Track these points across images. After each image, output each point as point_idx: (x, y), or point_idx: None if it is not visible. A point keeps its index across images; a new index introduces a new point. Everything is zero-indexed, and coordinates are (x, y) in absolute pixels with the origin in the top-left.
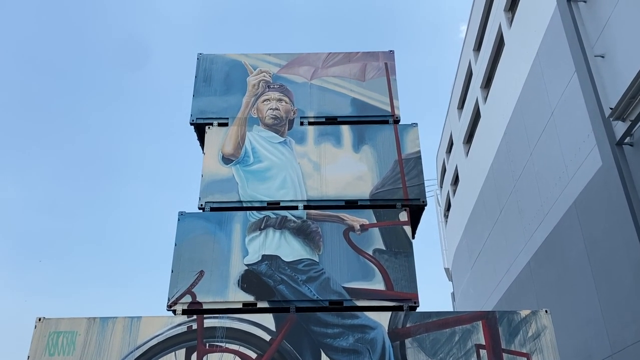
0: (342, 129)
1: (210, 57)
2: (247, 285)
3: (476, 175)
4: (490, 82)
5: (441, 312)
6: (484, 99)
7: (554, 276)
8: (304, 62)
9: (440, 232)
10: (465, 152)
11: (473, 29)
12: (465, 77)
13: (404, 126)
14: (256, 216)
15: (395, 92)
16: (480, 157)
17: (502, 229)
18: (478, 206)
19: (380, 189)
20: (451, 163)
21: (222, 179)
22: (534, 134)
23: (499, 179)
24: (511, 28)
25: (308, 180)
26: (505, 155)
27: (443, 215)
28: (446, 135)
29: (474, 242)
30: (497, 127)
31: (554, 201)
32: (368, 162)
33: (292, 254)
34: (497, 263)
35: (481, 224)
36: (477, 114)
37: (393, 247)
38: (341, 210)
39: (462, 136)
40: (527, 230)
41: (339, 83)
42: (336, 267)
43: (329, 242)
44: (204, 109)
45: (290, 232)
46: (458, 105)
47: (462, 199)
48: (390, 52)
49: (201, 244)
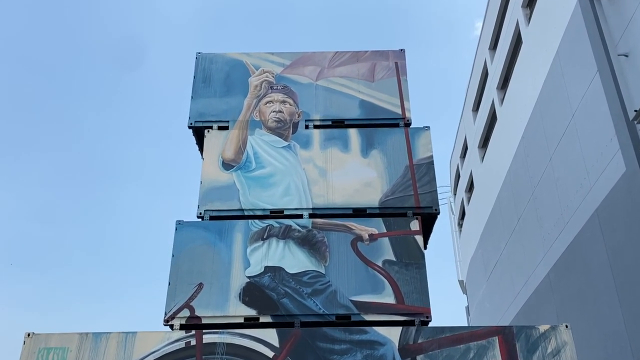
0: (349, 133)
1: (210, 56)
2: (249, 299)
3: (492, 182)
4: (507, 82)
5: (455, 327)
6: (500, 100)
7: (574, 289)
8: (309, 62)
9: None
10: (480, 157)
11: (489, 26)
12: (481, 78)
13: (416, 130)
14: (258, 225)
15: (406, 94)
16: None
17: (519, 239)
18: (494, 214)
19: (390, 197)
20: (465, 169)
21: (222, 186)
22: (553, 138)
23: (517, 186)
24: (529, 25)
25: (313, 187)
26: (523, 160)
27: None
28: (460, 139)
29: (489, 252)
30: (515, 130)
31: (575, 209)
32: (377, 167)
33: (296, 266)
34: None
35: (497, 233)
36: (493, 116)
37: (404, 258)
38: (349, 219)
39: (477, 140)
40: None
41: (347, 84)
42: (343, 279)
43: (336, 253)
44: (203, 111)
45: (295, 242)
46: (473, 108)
47: (477, 206)
48: (401, 50)
49: (200, 254)
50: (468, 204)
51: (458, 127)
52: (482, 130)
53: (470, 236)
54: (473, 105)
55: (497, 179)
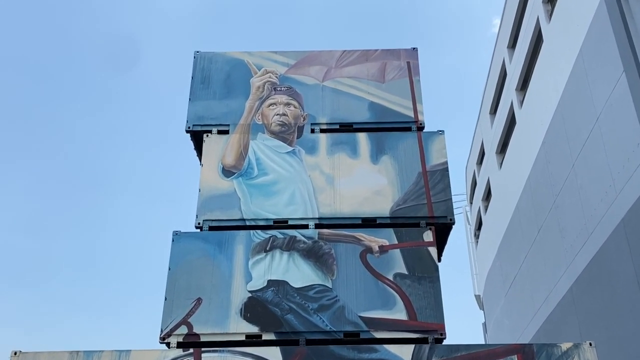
0: (358, 137)
1: (209, 55)
2: (250, 315)
3: (511, 190)
4: (526, 83)
5: (471, 345)
6: (519, 102)
7: (599, 304)
8: (315, 61)
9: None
10: (498, 163)
11: (507, 24)
12: (499, 78)
13: (429, 134)
14: (261, 236)
15: (419, 95)
16: (515, 169)
17: (540, 251)
18: (513, 225)
19: (402, 206)
20: (482, 176)
21: (222, 194)
22: (576, 143)
23: (537, 194)
24: (550, 22)
25: (320, 196)
26: (543, 166)
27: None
28: (477, 144)
29: (508, 265)
30: (535, 134)
31: (600, 219)
32: (388, 174)
33: (301, 279)
34: (534, 289)
35: (517, 245)
36: (512, 120)
37: (416, 271)
38: (357, 230)
39: (495, 145)
40: (569, 252)
41: (355, 85)
42: (352, 293)
43: (344, 266)
44: (201, 114)
45: (300, 255)
46: (490, 110)
47: (494, 216)
48: (414, 49)
49: (199, 267)
50: (485, 214)
51: (474, 131)
52: (500, 135)
53: (488, 248)
54: (490, 108)
55: (516, 186)
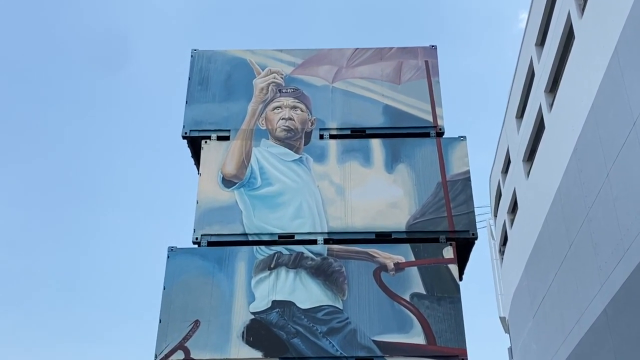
0: (371, 144)
1: (208, 54)
2: (253, 339)
3: (539, 201)
4: (556, 84)
5: None
6: (548, 105)
7: (636, 327)
8: (324, 60)
9: (494, 272)
10: (525, 172)
11: (535, 19)
12: (526, 79)
13: (450, 140)
14: (265, 252)
15: (439, 98)
16: (544, 179)
17: (571, 268)
18: (542, 240)
19: (420, 219)
20: (508, 186)
21: (222, 206)
22: (611, 150)
23: (568, 206)
24: (583, 17)
25: (329, 208)
26: (575, 176)
27: (498, 251)
28: (501, 151)
29: (536, 284)
30: (566, 140)
31: (637, 233)
32: (404, 185)
33: (309, 300)
34: (565, 310)
35: (545, 262)
36: (541, 124)
37: (436, 291)
38: (371, 245)
39: (522, 152)
40: (603, 270)
41: (368, 86)
42: (364, 315)
43: (356, 285)
44: (199, 118)
45: (308, 273)
46: (516, 114)
47: (521, 230)
48: (432, 47)
49: (196, 287)
50: (511, 228)
51: (499, 137)
52: (528, 141)
53: (514, 265)
54: (517, 112)
55: (545, 198)
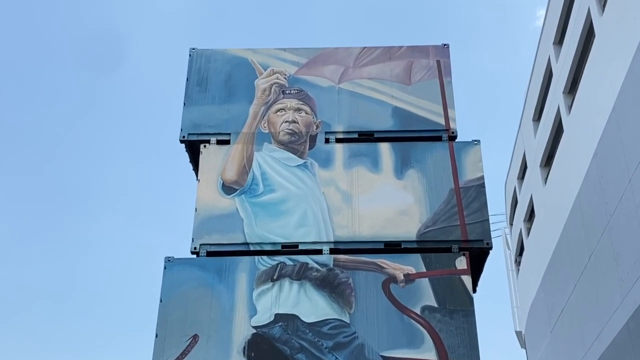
0: (380, 148)
1: (207, 53)
2: (255, 354)
3: (557, 209)
4: (576, 85)
5: None
6: (567, 107)
7: None
8: (330, 60)
9: (510, 283)
10: (542, 178)
11: (553, 16)
12: (543, 80)
13: (463, 144)
14: (267, 263)
15: (451, 99)
16: (562, 185)
17: (592, 280)
18: (560, 250)
19: (431, 228)
20: (524, 193)
21: (222, 214)
22: (634, 154)
23: (588, 214)
24: (604, 14)
25: (336, 216)
26: (596, 182)
27: (514, 262)
28: (517, 156)
29: (554, 297)
30: (586, 144)
31: None
32: (415, 191)
33: (314, 313)
34: (585, 324)
35: (564, 273)
36: (559, 127)
37: (448, 303)
38: (379, 256)
39: (539, 157)
40: (626, 281)
41: (377, 87)
42: (372, 329)
43: (364, 297)
44: (198, 121)
45: (313, 284)
46: (533, 117)
47: (538, 240)
48: (444, 46)
49: (195, 299)
50: (527, 237)
51: (515, 141)
52: (545, 145)
53: (531, 277)
54: (534, 114)
55: (563, 205)
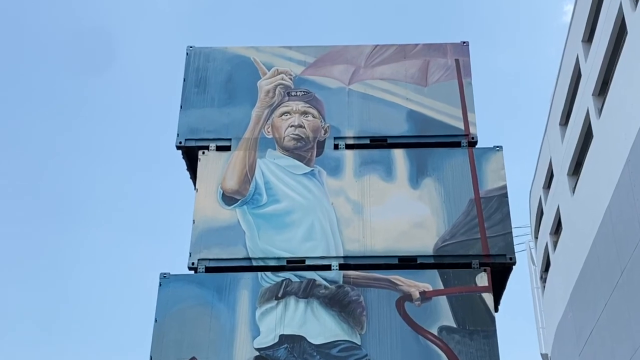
0: (394, 155)
1: (206, 51)
2: None
3: (587, 221)
4: (606, 86)
5: None
6: (597, 111)
7: None
8: (339, 59)
9: (535, 302)
10: (570, 187)
11: (582, 11)
12: (571, 81)
13: (484, 150)
14: (271, 280)
15: (471, 102)
16: (592, 195)
17: (624, 298)
18: (589, 265)
19: (449, 241)
20: (550, 203)
21: (222, 227)
22: None
23: (620, 226)
24: (637, 9)
25: (345, 229)
26: (628, 191)
27: (539, 278)
28: (543, 163)
29: (583, 316)
30: (617, 150)
31: None
32: (432, 202)
33: (322, 334)
34: (616, 346)
35: (594, 290)
36: (588, 132)
37: (468, 323)
38: (393, 272)
39: (567, 165)
40: None
41: (390, 88)
42: (386, 351)
43: (376, 317)
44: (196, 126)
45: (321, 303)
46: (560, 121)
47: (566, 254)
48: (464, 44)
49: (193, 319)
50: (554, 251)
51: (540, 147)
52: (573, 152)
53: (557, 294)
54: (560, 118)
55: (593, 217)
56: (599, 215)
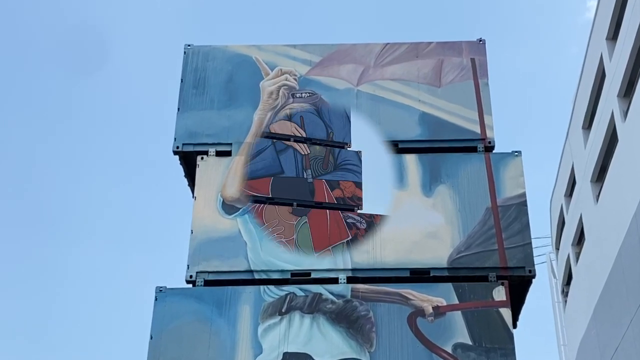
0: (405, 160)
1: (205, 50)
2: None
3: (611, 231)
4: (632, 87)
5: None
6: (623, 113)
7: None
8: (347, 58)
9: (555, 317)
10: (594, 195)
11: (606, 7)
12: (595, 81)
13: (501, 155)
14: (275, 294)
15: (488, 104)
16: (617, 203)
17: None
18: (614, 278)
19: (465, 253)
20: (573, 212)
21: (222, 237)
22: None
23: None
24: None
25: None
26: None
27: (561, 292)
28: (565, 169)
29: (607, 332)
30: None
31: None
32: (446, 210)
33: (329, 352)
34: None
35: (619, 305)
36: (613, 136)
37: (484, 340)
38: (405, 285)
39: (590, 171)
40: None
41: (402, 90)
42: None
43: (386, 333)
44: (194, 129)
45: (327, 319)
46: (583, 124)
47: (589, 266)
48: (480, 41)
49: (191, 336)
50: (576, 264)
51: (562, 152)
52: (597, 157)
53: (580, 309)
54: (584, 122)
55: (618, 226)
56: (625, 225)
